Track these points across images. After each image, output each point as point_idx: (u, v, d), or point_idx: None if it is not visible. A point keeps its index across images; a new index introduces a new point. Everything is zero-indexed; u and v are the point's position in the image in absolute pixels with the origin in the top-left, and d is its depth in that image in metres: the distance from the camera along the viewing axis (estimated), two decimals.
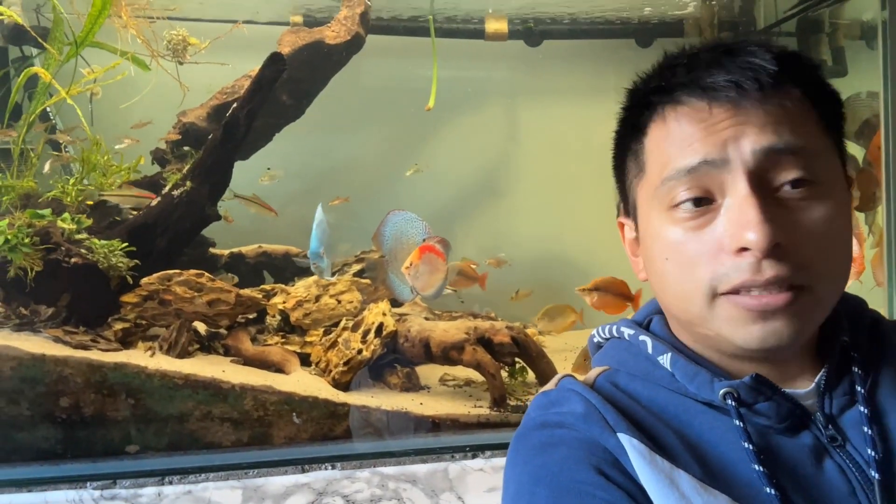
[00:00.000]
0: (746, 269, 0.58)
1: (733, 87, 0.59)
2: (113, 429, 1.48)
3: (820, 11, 2.06)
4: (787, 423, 0.63)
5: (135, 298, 1.61)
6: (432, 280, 1.56)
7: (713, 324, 0.62)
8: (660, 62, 0.68)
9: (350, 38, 1.91)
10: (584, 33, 2.26)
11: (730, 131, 0.59)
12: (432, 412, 1.57)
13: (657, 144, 0.64)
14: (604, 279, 1.84)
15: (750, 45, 0.61)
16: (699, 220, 0.61)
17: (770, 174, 0.60)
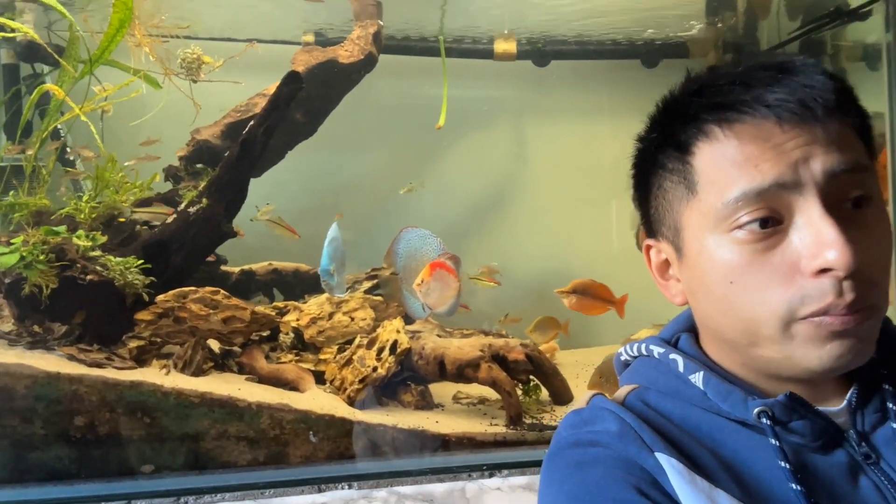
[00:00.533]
0: (830, 292, 0.57)
1: (800, 105, 0.58)
2: (128, 448, 1.47)
3: (823, 33, 2.09)
4: (822, 441, 0.63)
5: (150, 316, 1.60)
6: (444, 297, 1.56)
7: (786, 347, 0.61)
8: (696, 79, 0.66)
9: (363, 58, 1.93)
10: (591, 54, 2.29)
11: (798, 152, 0.59)
12: (448, 430, 1.56)
13: (712, 164, 0.62)
14: (582, 282, 1.85)
15: (801, 65, 0.61)
16: (767, 241, 0.60)
17: (837, 194, 0.59)
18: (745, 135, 0.60)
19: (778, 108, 0.59)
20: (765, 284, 0.60)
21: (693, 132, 0.63)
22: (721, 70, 0.64)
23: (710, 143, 0.62)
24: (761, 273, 0.60)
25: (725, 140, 0.61)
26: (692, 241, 0.65)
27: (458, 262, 1.58)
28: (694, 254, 0.66)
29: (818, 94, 0.59)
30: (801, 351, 0.60)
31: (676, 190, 0.66)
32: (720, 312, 0.65)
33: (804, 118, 0.59)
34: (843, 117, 0.60)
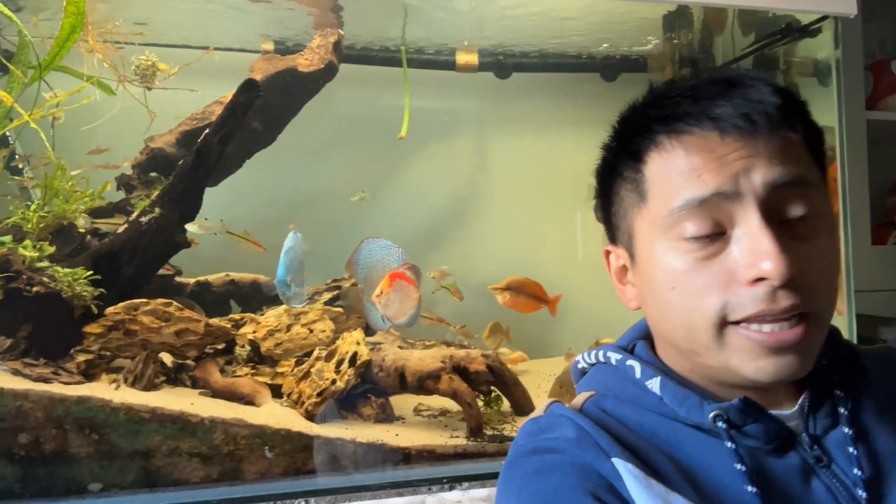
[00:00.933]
0: (763, 299, 0.59)
1: (744, 119, 0.60)
2: (75, 466, 1.41)
3: (775, 49, 2.15)
4: (775, 443, 0.65)
5: (99, 329, 1.55)
6: (404, 307, 1.55)
7: (720, 355, 0.63)
8: (653, 92, 0.69)
9: (323, 67, 1.91)
10: (552, 67, 2.31)
11: (740, 163, 0.60)
12: (408, 443, 1.54)
13: (660, 173, 0.64)
14: (517, 279, 1.84)
15: (750, 79, 0.63)
16: (708, 249, 0.61)
17: (778, 206, 0.61)
18: (692, 146, 0.62)
19: (721, 121, 0.61)
20: (702, 291, 0.62)
21: (645, 142, 0.65)
22: (676, 83, 0.66)
23: (660, 154, 0.64)
24: (700, 280, 0.62)
25: (673, 150, 0.63)
26: (643, 248, 0.67)
27: (418, 273, 1.57)
28: (644, 259, 0.68)
29: (763, 107, 0.61)
30: (737, 361, 0.62)
31: (630, 197, 0.68)
32: (664, 318, 0.67)
33: (747, 131, 0.61)
34: (788, 131, 0.62)
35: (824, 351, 0.70)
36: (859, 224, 2.03)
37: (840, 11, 1.71)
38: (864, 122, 2.23)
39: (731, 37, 2.30)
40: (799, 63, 2.16)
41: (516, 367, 2.04)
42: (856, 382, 0.70)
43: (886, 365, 0.73)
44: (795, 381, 0.68)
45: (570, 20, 2.08)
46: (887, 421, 0.67)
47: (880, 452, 0.65)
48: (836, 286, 0.64)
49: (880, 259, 2.18)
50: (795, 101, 0.64)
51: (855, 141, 2.12)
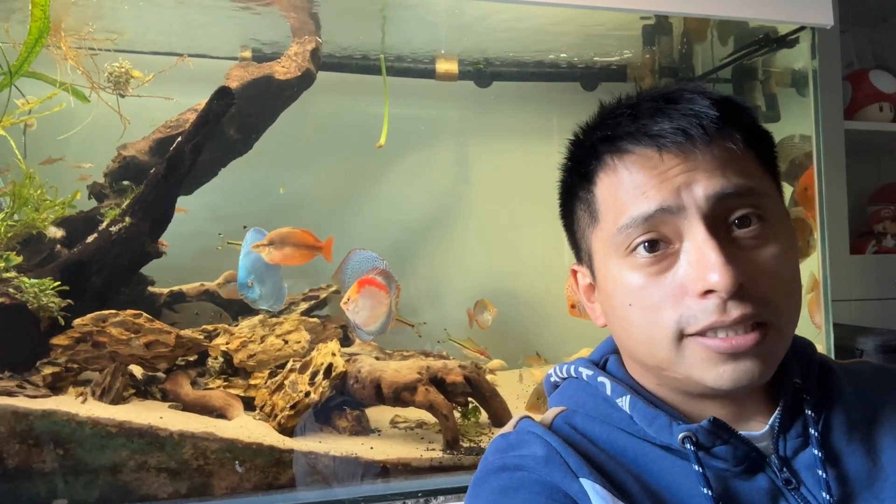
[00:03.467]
0: (714, 311, 0.59)
1: (681, 133, 0.61)
2: (39, 481, 1.37)
3: (754, 60, 2.16)
4: (744, 465, 0.64)
5: (66, 341, 1.52)
6: (375, 314, 1.54)
7: (681, 366, 0.63)
8: (600, 112, 0.70)
9: (300, 74, 1.89)
10: (532, 76, 2.31)
11: (681, 178, 0.61)
12: (383, 457, 1.52)
13: (609, 193, 0.65)
14: (278, 232, 1.71)
15: (688, 93, 0.64)
16: (659, 265, 0.62)
17: (723, 217, 0.61)
18: (634, 165, 0.63)
19: (659, 138, 0.61)
20: (658, 306, 0.62)
21: (594, 163, 0.66)
22: (621, 102, 0.68)
23: (607, 174, 0.65)
24: (654, 295, 0.62)
25: (618, 170, 0.64)
26: (600, 267, 0.68)
27: (390, 278, 1.56)
28: (602, 278, 0.69)
29: (699, 120, 0.61)
30: (697, 371, 0.63)
31: (585, 218, 0.69)
32: (626, 334, 0.67)
33: (685, 145, 0.61)
34: (728, 142, 0.62)
35: (797, 368, 0.69)
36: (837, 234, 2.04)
37: (817, 22, 1.72)
38: (842, 131, 2.24)
39: (711, 47, 2.31)
40: (777, 73, 2.18)
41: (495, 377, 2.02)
42: (829, 401, 0.69)
43: (861, 381, 0.72)
44: (767, 400, 0.68)
45: (551, 29, 2.08)
46: (859, 440, 0.66)
47: (851, 474, 0.64)
48: (794, 293, 0.63)
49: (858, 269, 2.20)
50: (736, 110, 0.64)
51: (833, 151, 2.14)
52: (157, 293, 1.87)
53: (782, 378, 0.67)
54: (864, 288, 2.21)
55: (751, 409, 0.67)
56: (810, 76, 1.89)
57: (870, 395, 0.71)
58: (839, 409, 0.68)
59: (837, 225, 2.20)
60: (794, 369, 0.69)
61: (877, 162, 2.68)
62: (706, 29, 2.23)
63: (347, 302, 1.49)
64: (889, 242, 2.45)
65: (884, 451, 0.66)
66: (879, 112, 2.37)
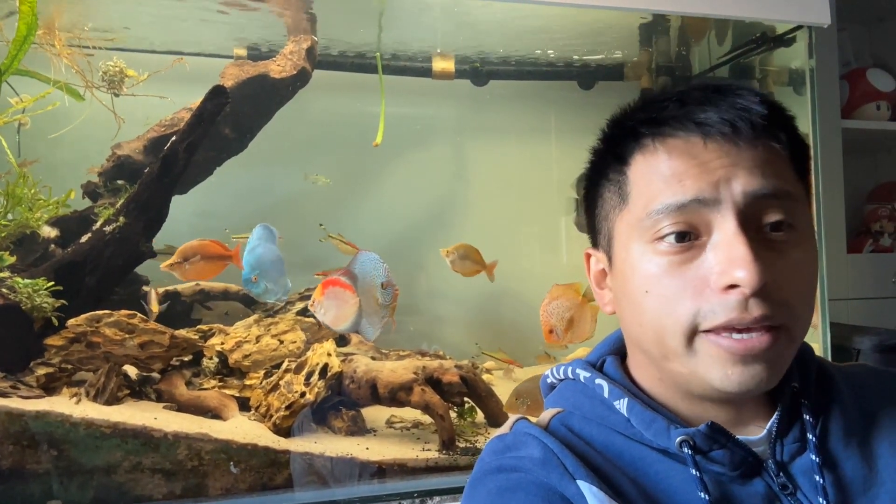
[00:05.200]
0: (734, 307, 0.58)
1: (727, 125, 0.60)
2: (33, 483, 1.37)
3: (751, 58, 2.16)
4: (741, 470, 0.64)
5: (60, 341, 1.51)
6: (343, 314, 1.54)
7: (690, 361, 0.62)
8: (644, 97, 0.69)
9: (296, 73, 1.89)
10: (529, 75, 2.30)
11: (722, 171, 0.60)
12: (379, 457, 1.51)
13: (643, 176, 0.64)
14: (189, 245, 1.68)
15: (738, 88, 0.63)
16: (684, 255, 0.61)
17: (756, 216, 0.61)
18: (675, 150, 0.62)
19: (706, 126, 0.61)
20: (676, 296, 0.61)
21: (631, 144, 0.66)
22: (668, 90, 0.67)
23: (644, 156, 0.64)
24: (674, 285, 0.61)
25: (657, 154, 0.63)
26: (620, 250, 0.67)
27: (354, 278, 1.57)
28: (620, 262, 0.67)
29: (748, 115, 0.60)
30: (704, 368, 0.62)
31: (612, 199, 0.68)
32: (636, 321, 0.67)
33: (730, 138, 0.60)
34: (772, 142, 0.61)
35: (796, 372, 0.69)
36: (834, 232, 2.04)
37: (814, 21, 1.71)
38: (840, 130, 2.24)
39: (708, 45, 2.31)
40: (774, 72, 2.17)
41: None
42: (826, 406, 0.69)
43: (858, 385, 0.72)
44: (765, 404, 0.67)
45: (548, 28, 2.08)
46: (856, 445, 0.66)
47: (847, 480, 0.64)
48: (810, 302, 0.63)
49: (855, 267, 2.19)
50: (782, 113, 0.64)
51: (830, 149, 2.14)
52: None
53: (781, 382, 0.67)
54: (861, 287, 2.21)
55: (749, 412, 0.67)
56: (807, 75, 1.89)
57: (867, 399, 0.70)
58: (836, 414, 0.68)
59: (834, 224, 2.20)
60: (792, 373, 0.69)
61: (874, 160, 2.68)
62: (703, 28, 2.23)
63: (314, 304, 1.49)
64: (886, 241, 2.45)
65: (880, 456, 0.66)
66: (877, 111, 2.37)
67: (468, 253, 1.95)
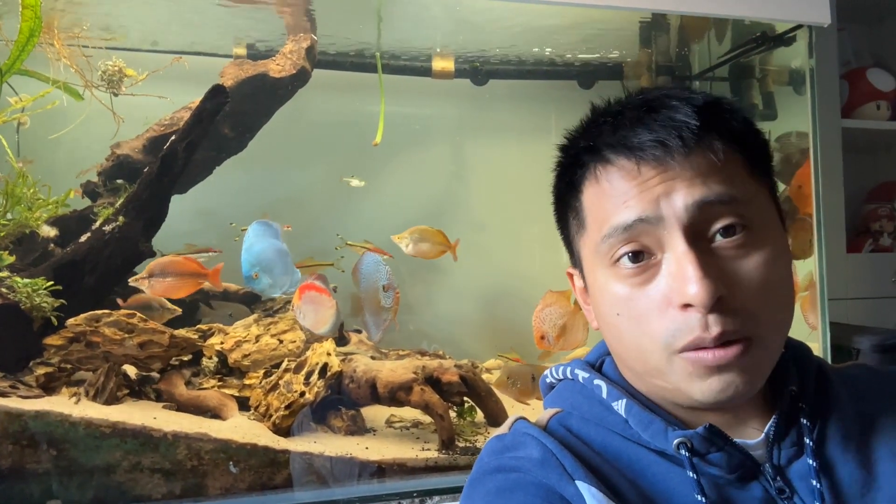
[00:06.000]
0: (696, 326, 0.59)
1: (659, 145, 0.60)
2: (32, 482, 1.37)
3: (751, 58, 2.16)
4: (738, 473, 0.63)
5: (59, 341, 1.51)
6: (322, 317, 1.57)
7: (671, 377, 0.63)
8: (586, 118, 0.69)
9: (295, 72, 1.88)
10: (529, 74, 2.30)
11: (660, 188, 0.60)
12: (378, 456, 1.51)
13: (593, 202, 0.65)
14: (159, 262, 1.64)
15: (672, 100, 0.62)
16: (643, 275, 0.62)
17: (704, 226, 0.61)
18: (616, 174, 0.63)
19: (638, 151, 0.61)
20: (645, 316, 0.61)
21: (579, 173, 0.67)
22: (606, 109, 0.67)
23: (592, 183, 0.65)
24: (641, 305, 0.62)
25: (602, 180, 0.64)
26: (589, 274, 0.69)
27: (326, 281, 1.60)
28: (591, 285, 0.69)
29: (679, 132, 0.60)
30: (685, 384, 0.62)
31: (574, 225, 0.70)
32: (615, 341, 0.67)
33: (663, 157, 0.60)
34: (708, 151, 0.61)
35: (794, 375, 0.69)
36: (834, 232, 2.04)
37: (814, 20, 1.71)
38: (839, 130, 2.24)
39: (708, 45, 2.31)
40: (774, 71, 2.17)
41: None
42: (824, 409, 0.68)
43: (856, 387, 0.72)
44: (763, 407, 0.67)
45: (547, 27, 2.08)
46: (853, 449, 0.65)
47: (844, 484, 0.63)
48: (781, 302, 0.63)
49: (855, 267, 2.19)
50: (721, 116, 0.63)
51: (830, 149, 2.13)
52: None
53: (779, 385, 0.67)
54: (860, 286, 2.21)
55: (746, 415, 0.67)
56: (807, 74, 1.89)
57: (865, 401, 0.70)
58: (834, 417, 0.68)
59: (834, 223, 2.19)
60: (790, 376, 0.68)
61: (873, 160, 2.68)
62: (703, 27, 2.23)
63: (293, 308, 1.55)
64: (886, 241, 2.45)
65: (878, 460, 0.65)
66: (877, 110, 2.37)
67: (425, 235, 1.90)
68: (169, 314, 1.71)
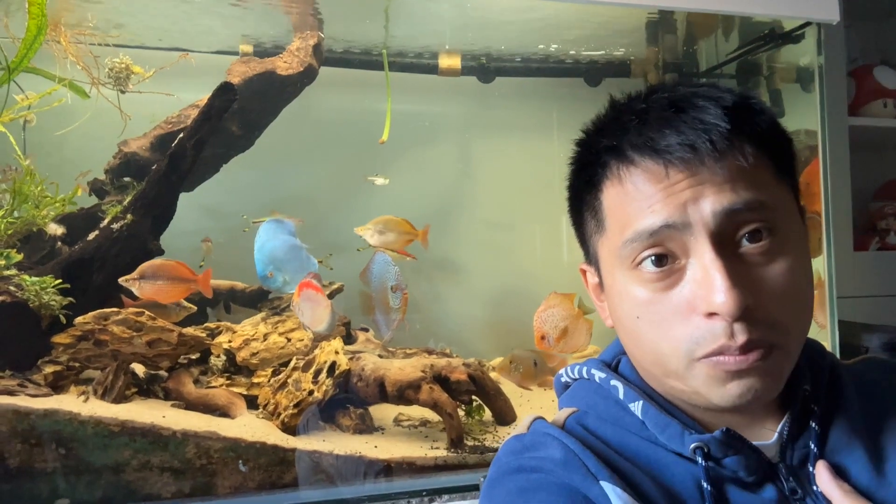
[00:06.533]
0: (721, 334, 0.58)
1: (688, 149, 0.58)
2: (41, 481, 1.36)
3: (758, 55, 2.15)
4: (755, 477, 0.63)
5: (68, 339, 1.50)
6: (318, 315, 1.58)
7: (691, 382, 0.62)
8: (607, 114, 0.67)
9: (303, 70, 1.88)
10: (535, 71, 2.29)
11: (688, 192, 0.59)
12: (387, 455, 1.51)
13: (615, 204, 0.63)
14: (151, 264, 1.61)
15: (700, 99, 0.60)
16: (666, 280, 0.61)
17: (731, 232, 0.59)
18: (641, 176, 0.61)
19: (666, 154, 0.59)
20: (667, 321, 0.61)
21: (600, 172, 0.65)
22: (629, 105, 0.65)
23: (613, 184, 0.63)
24: (662, 310, 0.61)
25: (625, 182, 0.62)
26: (607, 275, 0.67)
27: (320, 279, 1.61)
28: (609, 286, 0.68)
29: (709, 134, 0.58)
30: (705, 388, 0.62)
31: (591, 223, 0.68)
32: (633, 343, 0.66)
33: (692, 161, 0.59)
34: (738, 155, 0.59)
35: (807, 374, 0.68)
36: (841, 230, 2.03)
37: (823, 18, 1.70)
38: (847, 128, 2.23)
39: (715, 42, 2.30)
40: (782, 69, 2.16)
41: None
42: (835, 409, 0.68)
43: (866, 383, 0.71)
44: (777, 407, 0.67)
45: (554, 25, 2.07)
46: (863, 448, 0.65)
47: (853, 482, 0.63)
48: (804, 309, 0.62)
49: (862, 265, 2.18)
50: (751, 117, 0.61)
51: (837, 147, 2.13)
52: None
53: (792, 384, 0.66)
54: (868, 285, 2.20)
55: (762, 415, 0.66)
56: (816, 72, 1.88)
57: (876, 399, 0.69)
58: (844, 417, 0.67)
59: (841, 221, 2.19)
60: (804, 376, 0.68)
61: (880, 158, 2.67)
62: (711, 24, 2.22)
63: (293, 306, 1.57)
64: (893, 239, 2.44)
65: (888, 458, 0.65)
66: (884, 108, 2.35)
67: (389, 226, 1.86)
68: (185, 312, 1.71)
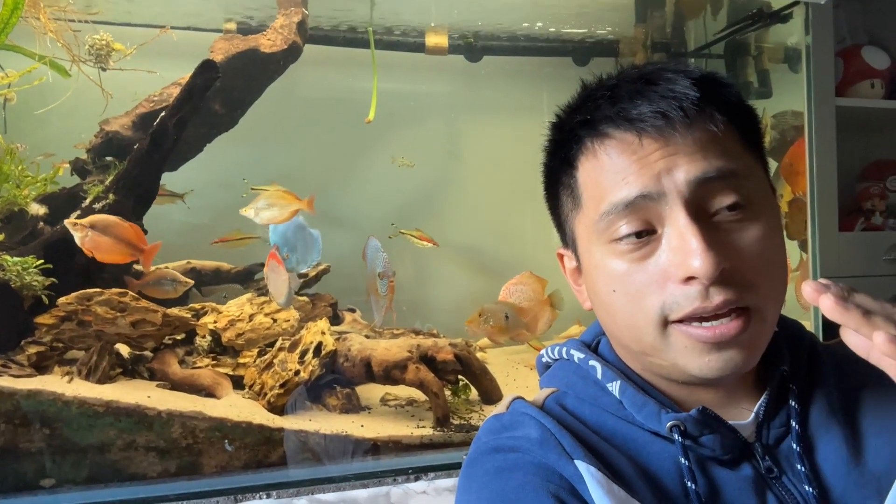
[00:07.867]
0: (696, 297, 0.58)
1: (660, 117, 0.59)
2: (26, 461, 1.36)
3: (746, 35, 2.14)
4: (731, 455, 0.63)
5: (51, 320, 1.50)
6: (278, 287, 1.63)
7: (667, 354, 0.62)
8: (580, 93, 0.67)
9: (286, 47, 1.85)
10: (523, 50, 2.28)
11: (662, 163, 0.59)
12: (373, 434, 1.52)
13: (590, 178, 0.63)
14: (106, 218, 1.52)
15: (669, 72, 0.61)
16: (642, 250, 0.61)
17: (705, 200, 0.60)
18: (615, 149, 0.61)
19: (639, 122, 0.60)
20: (642, 292, 0.61)
21: (575, 148, 0.65)
22: (601, 82, 0.65)
23: (588, 159, 0.64)
24: (638, 281, 0.61)
25: (600, 155, 0.62)
26: (584, 252, 0.67)
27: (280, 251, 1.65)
28: (586, 264, 0.68)
29: (679, 102, 0.59)
30: (682, 360, 0.62)
31: (568, 202, 0.68)
32: (610, 319, 0.67)
33: (665, 129, 0.59)
34: (709, 123, 0.60)
35: (786, 354, 0.69)
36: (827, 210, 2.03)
37: None
38: (834, 108, 2.22)
39: (703, 22, 2.29)
40: (770, 49, 2.16)
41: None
42: (813, 388, 0.69)
43: (843, 362, 0.72)
44: (754, 385, 0.67)
45: (542, 3, 2.05)
46: (840, 426, 0.66)
47: (831, 462, 0.64)
48: (778, 276, 0.62)
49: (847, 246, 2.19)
50: (718, 88, 0.62)
51: (824, 127, 2.12)
52: (142, 271, 1.83)
53: (771, 363, 0.67)
54: (852, 265, 2.22)
55: (739, 394, 0.67)
56: (803, 52, 1.88)
57: (853, 376, 0.70)
58: (822, 396, 0.68)
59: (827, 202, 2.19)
60: (783, 355, 0.68)
61: (866, 139, 2.67)
62: (699, 3, 2.21)
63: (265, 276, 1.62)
64: (877, 220, 2.45)
65: (864, 435, 0.65)
66: (871, 89, 2.35)
67: (271, 201, 1.76)
68: (183, 287, 1.71)
